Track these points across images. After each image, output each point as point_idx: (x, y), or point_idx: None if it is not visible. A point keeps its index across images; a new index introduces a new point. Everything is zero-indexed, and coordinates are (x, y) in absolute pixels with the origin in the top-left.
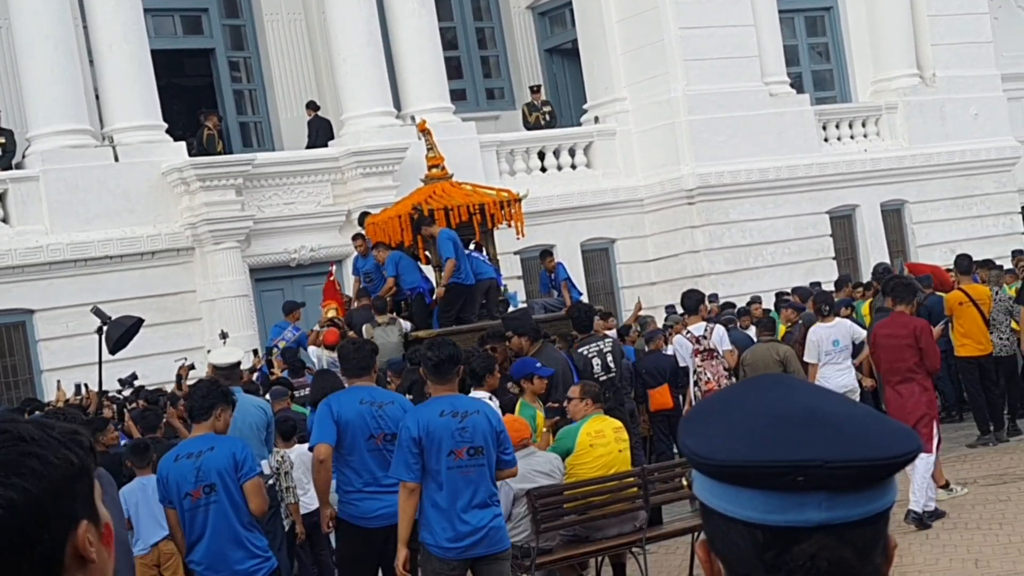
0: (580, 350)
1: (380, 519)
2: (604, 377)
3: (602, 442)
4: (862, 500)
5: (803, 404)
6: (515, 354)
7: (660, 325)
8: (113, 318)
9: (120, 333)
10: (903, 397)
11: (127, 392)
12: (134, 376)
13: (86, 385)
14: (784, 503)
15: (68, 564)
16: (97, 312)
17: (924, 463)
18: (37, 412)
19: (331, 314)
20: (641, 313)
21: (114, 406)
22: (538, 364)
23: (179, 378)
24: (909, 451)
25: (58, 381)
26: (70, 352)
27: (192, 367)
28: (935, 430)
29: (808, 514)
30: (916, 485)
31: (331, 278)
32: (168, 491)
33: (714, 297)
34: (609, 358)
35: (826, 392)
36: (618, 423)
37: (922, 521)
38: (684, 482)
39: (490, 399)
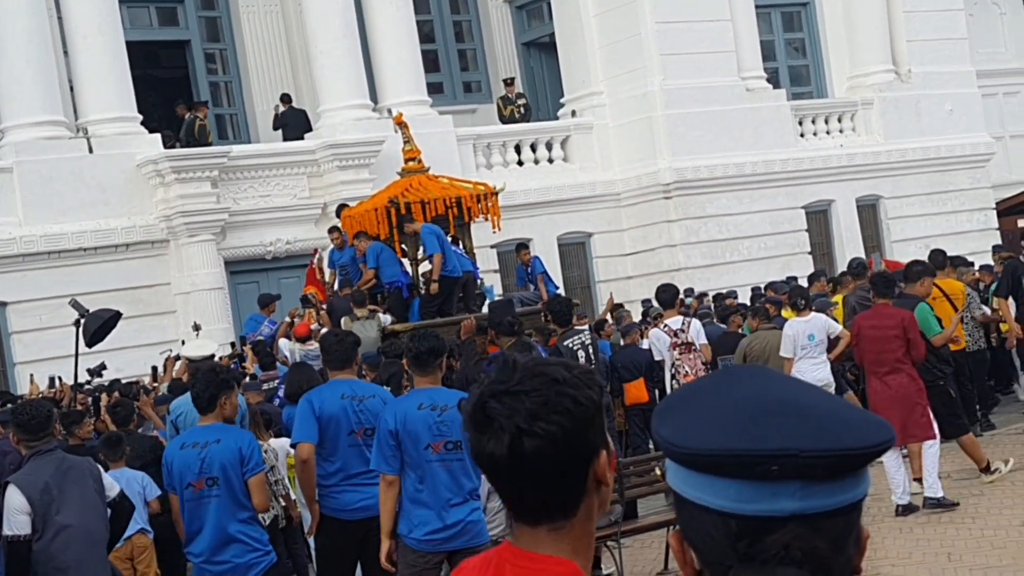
0: (565, 343)
1: (360, 511)
2: None
3: None
4: (836, 490)
5: (778, 395)
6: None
7: (636, 319)
8: (91, 311)
9: (98, 326)
10: (891, 388)
11: (96, 381)
12: (103, 366)
13: (60, 378)
14: (758, 492)
15: (589, 488)
16: (75, 305)
17: (932, 449)
18: (9, 404)
19: (308, 293)
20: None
21: (88, 399)
22: None
23: (155, 370)
24: (883, 441)
25: (31, 375)
26: (43, 345)
27: (178, 358)
28: (930, 416)
29: (782, 504)
30: (927, 470)
31: (313, 264)
32: (172, 478)
33: (690, 291)
34: (591, 350)
35: (801, 383)
36: None
37: (940, 504)
38: (658, 472)
39: None
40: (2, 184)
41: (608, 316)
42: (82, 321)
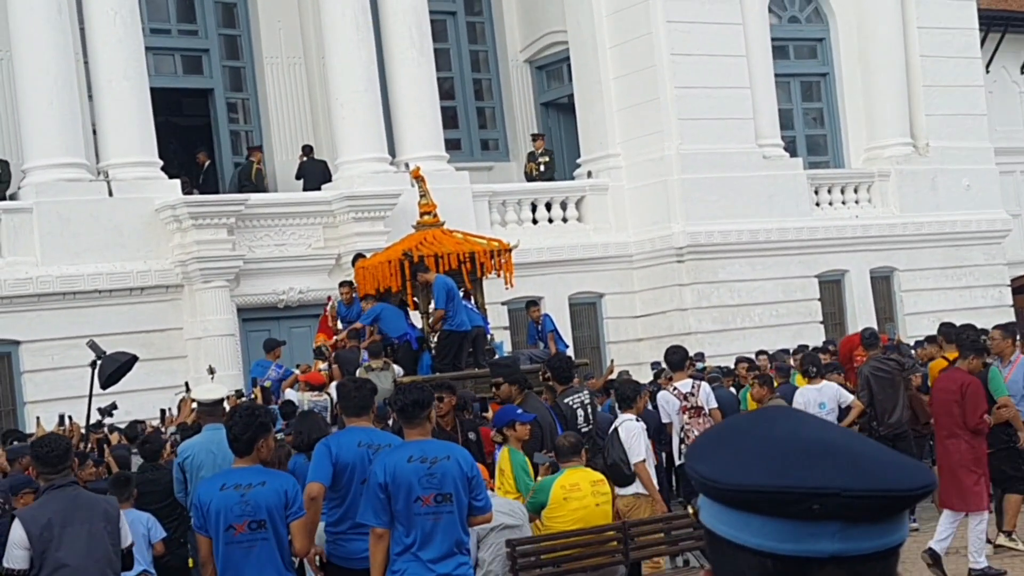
0: (565, 401)
1: (367, 560)
2: (587, 428)
3: (577, 495)
4: (876, 533)
5: (817, 435)
6: (500, 402)
7: (645, 381)
8: (108, 353)
9: (113, 369)
10: (950, 453)
11: (107, 420)
12: (114, 406)
13: (70, 417)
14: (797, 532)
15: None
16: (92, 346)
17: (980, 525)
18: (16, 443)
19: (319, 343)
20: (618, 370)
21: (95, 440)
22: (519, 411)
23: (163, 413)
24: (925, 485)
25: (37, 417)
26: (54, 385)
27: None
28: (985, 487)
29: (821, 544)
30: (972, 543)
31: (326, 312)
32: (207, 519)
33: (700, 356)
34: (589, 409)
35: (835, 425)
36: (598, 476)
37: (985, 574)
38: (691, 510)
39: (637, 419)
40: (21, 224)
41: (613, 376)
42: (98, 363)
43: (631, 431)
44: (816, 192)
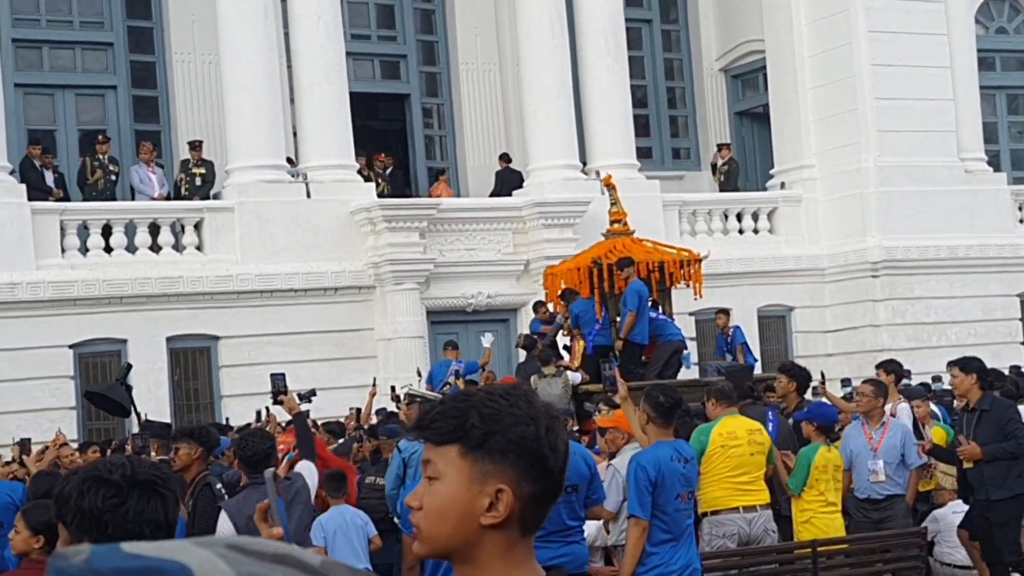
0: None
1: (549, 570)
2: None
3: (734, 443)
4: None
5: None
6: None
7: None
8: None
9: (105, 392)
10: None
11: (305, 406)
12: (313, 392)
13: (267, 409)
14: None
15: None
16: (123, 374)
17: None
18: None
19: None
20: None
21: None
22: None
23: (358, 412)
24: None
25: (257, 411)
26: (249, 380)
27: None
28: None
29: None
30: None
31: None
32: None
33: (907, 373)
34: (770, 427)
35: None
36: (755, 424)
37: None
38: None
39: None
40: (223, 223)
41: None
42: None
43: None
44: (1020, 208)
